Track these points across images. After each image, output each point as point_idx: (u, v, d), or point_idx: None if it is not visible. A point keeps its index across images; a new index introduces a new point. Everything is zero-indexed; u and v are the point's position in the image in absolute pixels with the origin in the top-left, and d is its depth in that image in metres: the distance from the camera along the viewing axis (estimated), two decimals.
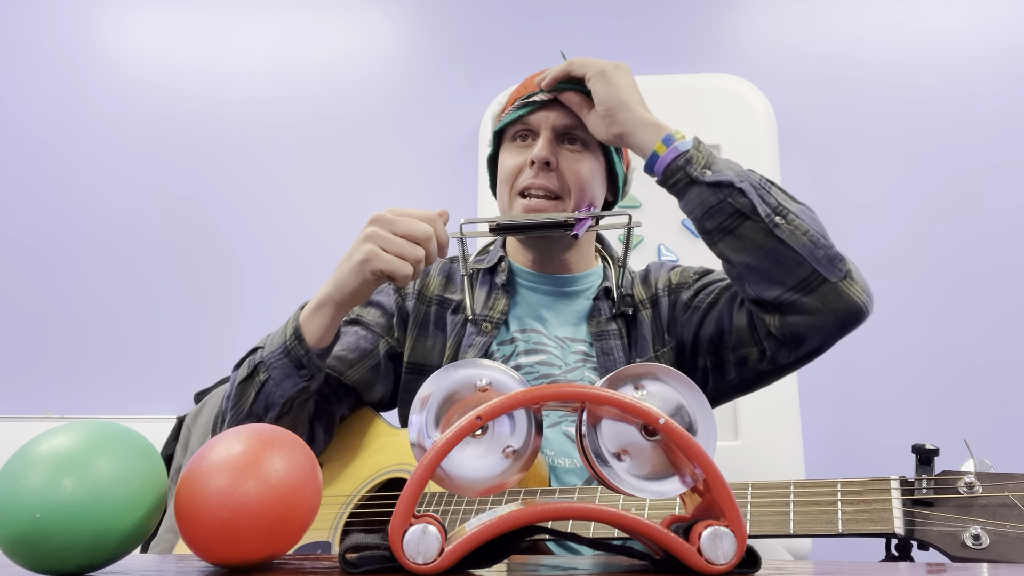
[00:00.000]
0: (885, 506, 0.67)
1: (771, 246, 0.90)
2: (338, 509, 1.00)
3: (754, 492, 0.72)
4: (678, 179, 0.92)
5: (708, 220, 0.92)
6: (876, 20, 2.21)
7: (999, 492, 0.63)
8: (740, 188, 0.90)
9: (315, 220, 2.25)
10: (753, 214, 0.90)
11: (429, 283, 1.12)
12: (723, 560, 0.45)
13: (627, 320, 1.08)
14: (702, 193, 0.91)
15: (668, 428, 0.46)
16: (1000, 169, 2.09)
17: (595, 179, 1.06)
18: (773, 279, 0.92)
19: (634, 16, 2.28)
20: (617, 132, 0.96)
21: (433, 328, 1.10)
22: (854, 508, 0.68)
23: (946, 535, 0.64)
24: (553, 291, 1.11)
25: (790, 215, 0.91)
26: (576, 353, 1.07)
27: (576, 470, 1.00)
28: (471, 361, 0.51)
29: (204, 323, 2.25)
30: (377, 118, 2.31)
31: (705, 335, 1.04)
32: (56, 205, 2.34)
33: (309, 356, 0.94)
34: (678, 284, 1.10)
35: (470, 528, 0.46)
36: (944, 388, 2.02)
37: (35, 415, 2.20)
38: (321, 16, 2.39)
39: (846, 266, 0.93)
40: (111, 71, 2.41)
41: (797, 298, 0.92)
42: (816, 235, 0.91)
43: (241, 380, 0.98)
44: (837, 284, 0.91)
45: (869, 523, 0.66)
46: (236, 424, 0.97)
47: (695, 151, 0.92)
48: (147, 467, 0.47)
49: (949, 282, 2.06)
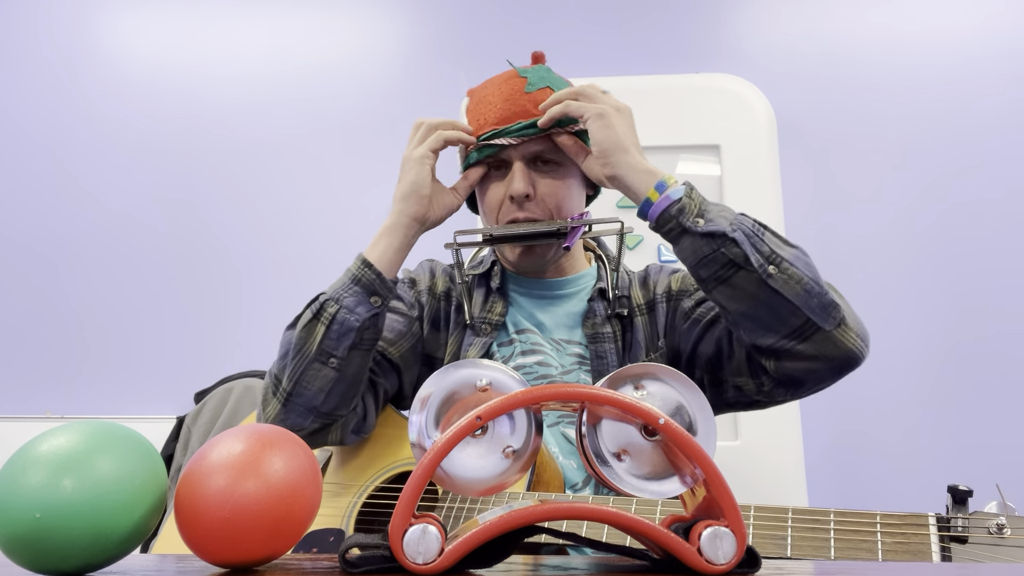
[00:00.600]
0: (924, 540, 0.71)
1: (765, 296, 0.90)
2: (352, 498, 1.01)
3: (794, 517, 0.75)
4: (671, 227, 0.92)
5: (702, 269, 0.93)
6: (876, 20, 2.21)
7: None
8: (733, 238, 0.90)
9: (315, 220, 2.25)
10: (746, 264, 0.89)
11: (436, 282, 1.15)
12: (723, 560, 0.45)
13: (623, 323, 1.08)
14: (695, 242, 0.91)
15: (668, 428, 0.46)
16: (1000, 169, 2.09)
17: (573, 195, 1.07)
18: (768, 327, 0.92)
19: (634, 16, 2.28)
20: (610, 174, 0.96)
21: (443, 323, 1.12)
22: (893, 540, 0.72)
23: None
24: (545, 295, 1.12)
25: (783, 263, 0.90)
26: (572, 355, 1.07)
27: (575, 470, 1.00)
28: (471, 361, 0.51)
29: (204, 323, 2.25)
30: (377, 119, 2.31)
31: (704, 352, 1.04)
32: (56, 205, 2.34)
33: (381, 279, 0.97)
34: (679, 291, 1.09)
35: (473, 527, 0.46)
36: (945, 387, 2.02)
37: (35, 415, 2.20)
38: (320, 17, 2.39)
39: (840, 313, 0.92)
40: (109, 71, 2.41)
41: (792, 345, 0.92)
42: (810, 283, 0.91)
43: (306, 323, 0.98)
44: (831, 332, 0.91)
45: (908, 555, 0.71)
46: (299, 374, 0.97)
47: (687, 199, 0.92)
48: (147, 467, 0.47)
49: (949, 281, 2.06)
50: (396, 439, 1.06)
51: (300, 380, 0.97)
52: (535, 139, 1.03)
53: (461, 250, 1.07)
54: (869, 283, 2.08)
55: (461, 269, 1.08)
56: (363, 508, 1.00)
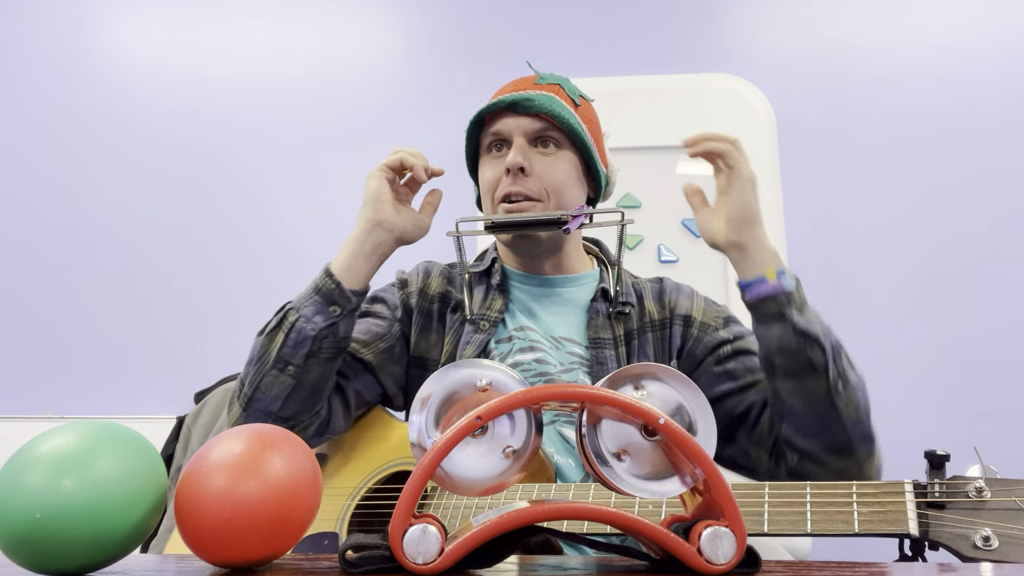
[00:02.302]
0: (900, 508, 0.69)
1: (824, 407, 0.91)
2: (345, 500, 1.01)
3: (771, 492, 0.74)
4: (770, 311, 0.92)
5: (779, 357, 0.92)
6: (876, 20, 2.21)
7: (1007, 497, 0.66)
8: (822, 345, 0.90)
9: (315, 219, 2.25)
10: (824, 372, 0.90)
11: (430, 283, 1.14)
12: (723, 560, 0.45)
13: (626, 328, 1.08)
14: (786, 333, 0.91)
15: (668, 428, 0.46)
16: (1000, 168, 2.09)
17: (571, 179, 1.07)
18: (812, 434, 0.93)
19: (634, 16, 2.28)
20: (736, 240, 0.95)
21: (436, 324, 1.12)
22: (869, 509, 0.70)
23: (958, 536, 0.66)
24: (545, 292, 1.12)
25: (849, 385, 0.92)
26: (571, 354, 1.07)
27: (572, 468, 1.00)
28: (471, 361, 0.51)
29: (205, 323, 2.25)
30: (377, 118, 2.31)
31: (729, 407, 1.03)
32: (57, 205, 2.34)
33: (340, 289, 0.98)
34: (702, 323, 1.08)
35: (472, 526, 0.46)
36: (945, 386, 2.02)
37: (35, 415, 2.20)
38: (321, 17, 2.39)
39: (874, 447, 0.95)
40: (110, 71, 2.41)
41: (825, 457, 0.94)
42: (863, 411, 0.93)
43: (269, 330, 1.00)
44: (862, 460, 0.94)
45: (884, 524, 0.69)
46: (259, 380, 0.98)
47: (796, 293, 0.93)
48: (147, 467, 0.47)
49: (950, 280, 2.06)
50: (387, 440, 1.06)
51: (259, 386, 0.98)
52: (534, 116, 1.05)
53: (463, 239, 1.07)
54: (869, 282, 2.08)
55: (463, 257, 1.07)
56: (356, 510, 1.00)
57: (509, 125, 1.06)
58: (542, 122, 1.05)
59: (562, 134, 1.06)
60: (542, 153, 1.06)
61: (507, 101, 1.05)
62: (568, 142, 1.07)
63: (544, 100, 1.05)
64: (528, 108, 1.05)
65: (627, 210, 1.15)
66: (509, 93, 1.07)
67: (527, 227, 1.04)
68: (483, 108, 1.08)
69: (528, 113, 1.05)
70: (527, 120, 1.05)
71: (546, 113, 1.04)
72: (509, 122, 1.06)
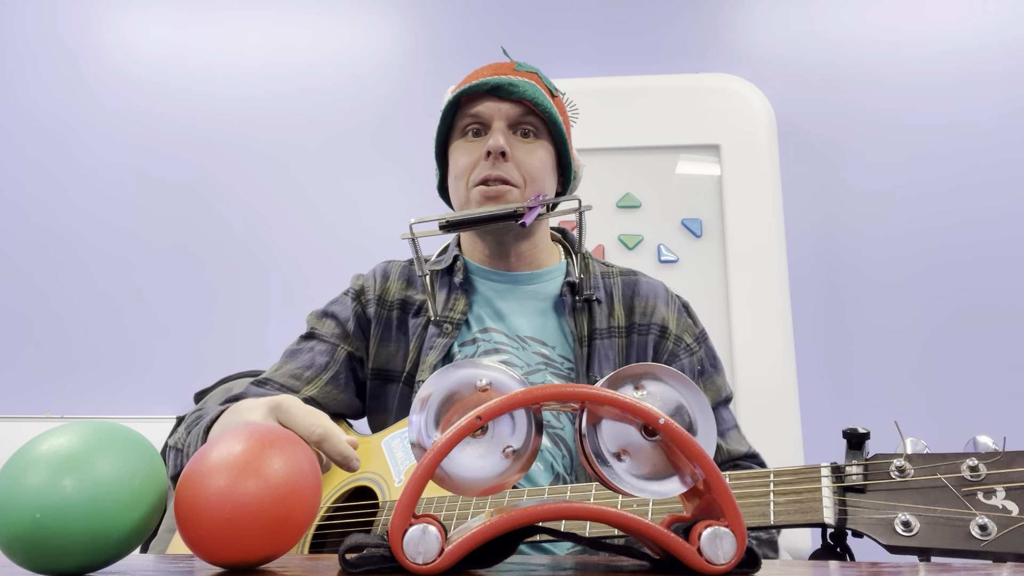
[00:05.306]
0: (816, 495, 0.64)
1: None
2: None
3: None
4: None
5: None
6: (876, 20, 2.21)
7: (931, 475, 0.61)
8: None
9: (314, 219, 2.25)
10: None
11: (389, 287, 1.11)
12: (723, 560, 0.45)
13: (591, 334, 1.04)
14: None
15: (668, 428, 0.46)
16: (1000, 167, 2.09)
17: (547, 169, 1.06)
18: None
19: (634, 16, 2.28)
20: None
21: (396, 332, 1.08)
22: (786, 499, 0.65)
23: (876, 523, 0.61)
24: (510, 288, 1.09)
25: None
26: (537, 354, 1.04)
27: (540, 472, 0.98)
28: (471, 361, 0.51)
29: (205, 323, 2.25)
30: (376, 118, 2.31)
31: None
32: (57, 205, 2.35)
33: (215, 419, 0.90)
34: (677, 337, 1.06)
35: (471, 527, 0.46)
36: (945, 384, 2.02)
37: (35, 415, 2.20)
38: (320, 16, 2.40)
39: None
40: (110, 71, 2.41)
41: None
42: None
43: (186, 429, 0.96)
44: None
45: (799, 514, 0.64)
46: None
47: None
48: (147, 467, 0.47)
49: (950, 279, 2.06)
50: None
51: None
52: (516, 102, 1.03)
53: (419, 241, 0.99)
54: (869, 282, 2.08)
55: (421, 262, 1.01)
56: (317, 531, 0.95)
57: (491, 109, 1.04)
58: (524, 109, 1.03)
59: (542, 123, 1.04)
60: (522, 141, 1.04)
61: (490, 84, 1.03)
62: (546, 132, 1.05)
63: (528, 87, 1.03)
64: (512, 93, 1.02)
65: (626, 212, 1.14)
66: (491, 76, 1.04)
67: (482, 223, 1.00)
68: (463, 88, 1.05)
69: (511, 99, 1.03)
70: (509, 105, 1.03)
71: (530, 100, 1.03)
72: (491, 106, 1.04)
